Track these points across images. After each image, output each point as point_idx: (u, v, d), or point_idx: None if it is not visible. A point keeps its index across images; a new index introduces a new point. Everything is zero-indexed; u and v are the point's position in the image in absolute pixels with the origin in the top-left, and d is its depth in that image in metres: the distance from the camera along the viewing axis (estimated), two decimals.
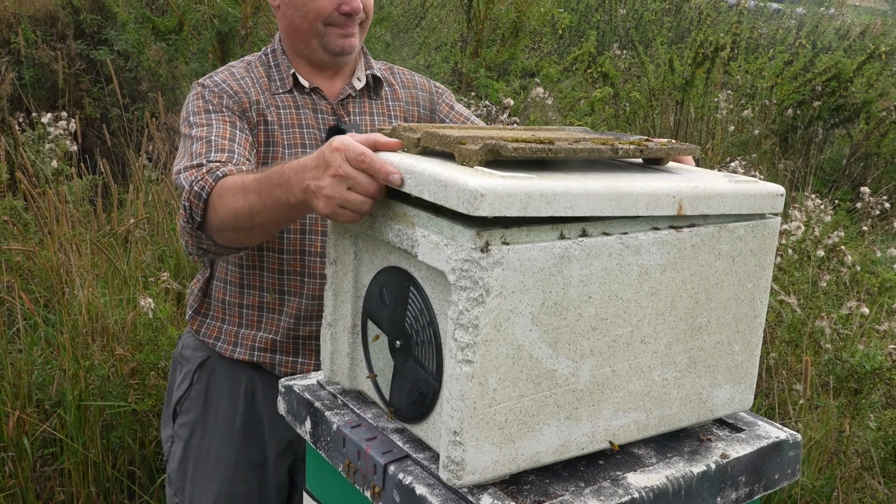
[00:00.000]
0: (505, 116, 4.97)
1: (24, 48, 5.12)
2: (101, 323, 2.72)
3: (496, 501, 0.99)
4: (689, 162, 1.34)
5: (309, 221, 1.59)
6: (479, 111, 4.99)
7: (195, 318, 1.72)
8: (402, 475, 1.05)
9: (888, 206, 4.85)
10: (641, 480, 1.06)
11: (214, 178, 1.38)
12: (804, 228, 3.28)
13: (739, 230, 1.14)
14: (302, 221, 1.58)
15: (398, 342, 1.11)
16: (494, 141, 1.01)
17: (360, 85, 1.71)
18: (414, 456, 1.09)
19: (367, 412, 1.21)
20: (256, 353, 1.65)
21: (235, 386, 1.68)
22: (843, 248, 3.37)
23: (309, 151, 1.56)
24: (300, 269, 1.60)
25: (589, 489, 1.03)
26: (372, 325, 1.18)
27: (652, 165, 1.25)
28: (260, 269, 1.62)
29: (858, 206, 4.97)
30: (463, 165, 1.02)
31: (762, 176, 4.23)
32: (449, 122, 1.78)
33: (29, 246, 3.14)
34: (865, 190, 4.69)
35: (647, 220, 1.07)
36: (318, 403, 1.23)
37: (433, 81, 1.83)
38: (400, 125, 1.17)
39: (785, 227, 3.25)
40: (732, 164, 4.95)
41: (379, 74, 1.74)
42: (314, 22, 1.61)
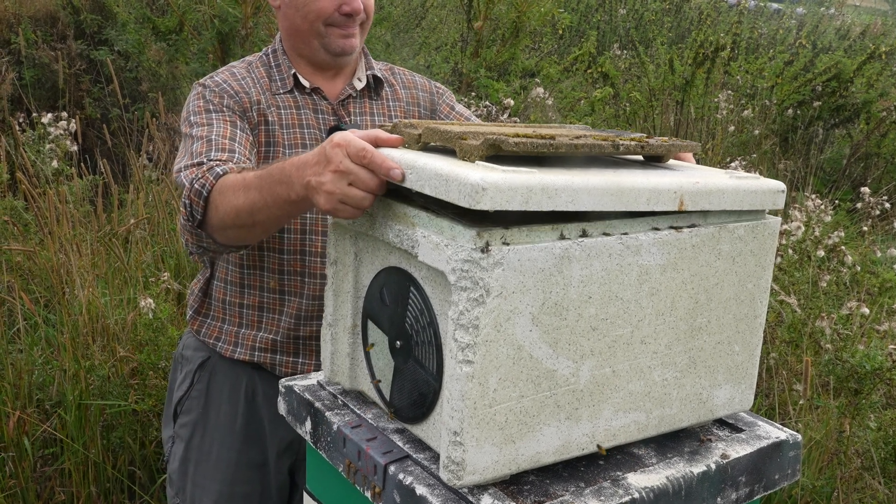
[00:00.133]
0: (505, 117, 4.97)
1: (24, 48, 5.12)
2: (101, 323, 2.72)
3: (496, 502, 0.99)
4: (689, 159, 1.34)
5: (309, 221, 1.59)
6: (479, 111, 4.99)
7: (195, 318, 1.72)
8: (402, 475, 1.05)
9: (888, 206, 4.85)
10: (642, 481, 1.06)
11: (215, 175, 1.38)
12: (804, 228, 3.28)
13: (739, 230, 1.14)
14: (302, 221, 1.58)
15: (398, 342, 1.11)
16: (495, 136, 1.01)
17: (360, 85, 1.71)
18: (414, 456, 1.09)
19: (367, 412, 1.21)
20: (257, 353, 1.65)
21: (236, 386, 1.68)
22: (843, 248, 3.37)
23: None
24: (300, 269, 1.60)
25: (589, 489, 1.04)
26: (370, 330, 1.18)
27: (653, 163, 1.25)
28: (260, 269, 1.62)
29: (858, 206, 4.97)
30: (464, 161, 1.01)
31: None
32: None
33: (29, 246, 3.14)
34: (865, 190, 4.69)
35: (647, 220, 1.07)
36: (318, 404, 1.23)
37: (434, 82, 1.83)
38: (401, 121, 1.17)
39: (785, 227, 3.25)
40: (732, 164, 4.95)
41: (380, 75, 1.74)
42: (315, 22, 1.61)
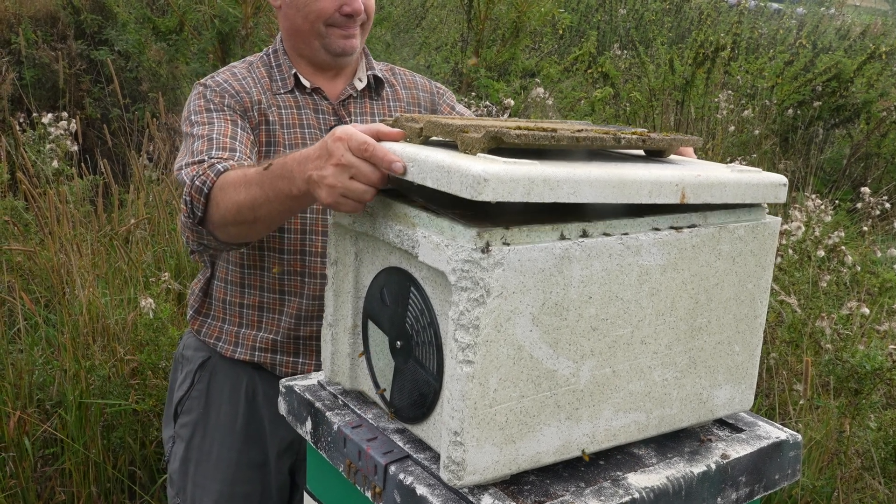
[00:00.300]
0: (505, 117, 4.97)
1: (24, 48, 5.12)
2: (101, 323, 2.72)
3: (497, 502, 0.99)
4: (690, 154, 1.34)
5: (309, 221, 1.59)
6: (479, 111, 4.99)
7: (196, 318, 1.72)
8: (402, 475, 1.05)
9: (888, 206, 4.85)
10: (642, 481, 1.06)
11: (216, 172, 1.38)
12: (804, 229, 3.28)
13: (740, 230, 1.14)
14: (302, 221, 1.58)
15: (399, 343, 1.11)
16: (497, 129, 1.01)
17: (361, 85, 1.71)
18: (414, 456, 1.09)
19: (367, 412, 1.21)
20: (257, 353, 1.65)
21: (236, 386, 1.69)
22: (843, 248, 3.37)
23: None
24: (300, 269, 1.60)
25: (589, 489, 1.04)
26: (370, 331, 1.18)
27: (654, 158, 1.25)
28: (261, 268, 1.62)
29: (859, 206, 4.97)
30: (466, 153, 1.01)
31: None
32: None
33: (30, 246, 3.14)
34: (866, 190, 4.69)
35: (647, 220, 1.07)
36: (318, 404, 1.23)
37: (434, 82, 1.83)
38: (402, 116, 1.17)
39: (785, 227, 3.25)
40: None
41: (380, 75, 1.74)
42: (315, 23, 1.61)
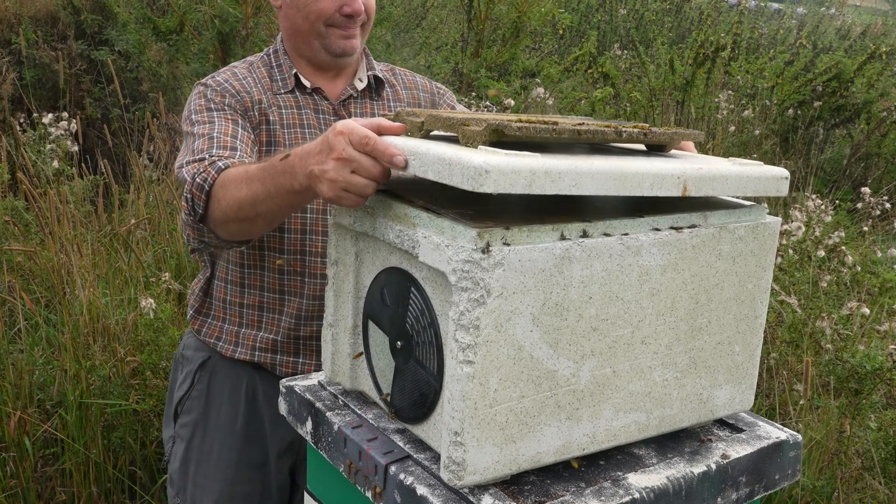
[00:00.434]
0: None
1: (25, 48, 5.12)
2: (102, 323, 2.72)
3: (497, 502, 0.99)
4: (690, 149, 1.35)
5: (309, 221, 1.59)
6: (479, 112, 4.98)
7: (196, 317, 1.72)
8: (403, 475, 1.05)
9: (889, 206, 4.85)
10: (642, 481, 1.06)
11: (216, 169, 1.38)
12: (805, 229, 3.28)
13: (740, 231, 1.14)
14: (302, 221, 1.59)
15: (399, 343, 1.11)
16: (498, 122, 1.01)
17: (361, 86, 1.71)
18: (415, 456, 1.09)
19: (368, 413, 1.21)
20: (257, 353, 1.65)
21: (236, 386, 1.69)
22: (843, 248, 3.37)
23: None
24: (300, 269, 1.60)
25: (590, 489, 1.04)
26: (370, 331, 1.18)
27: (655, 152, 1.25)
28: (261, 268, 1.62)
29: (859, 206, 4.97)
30: (467, 147, 1.01)
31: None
32: None
33: (30, 246, 3.14)
34: (866, 190, 4.69)
35: (647, 220, 1.07)
36: (319, 404, 1.23)
37: (434, 82, 1.83)
38: (403, 110, 1.17)
39: (785, 227, 3.25)
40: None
41: (381, 75, 1.74)
42: (315, 23, 1.61)
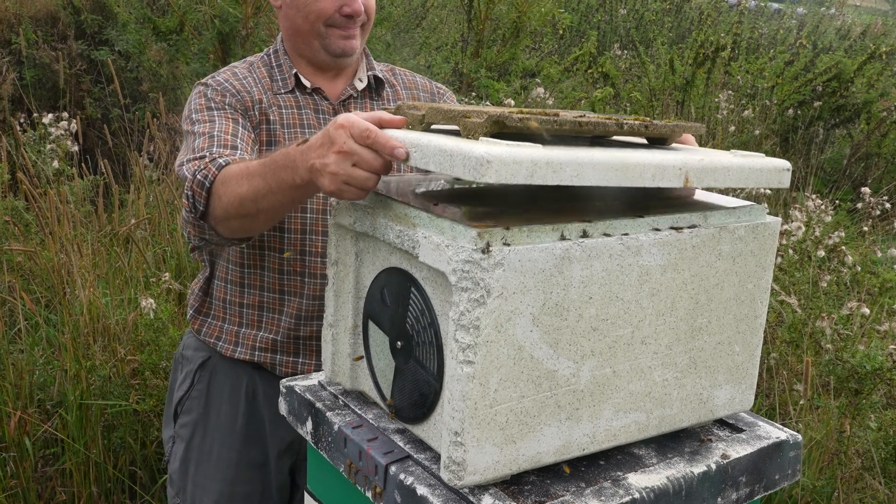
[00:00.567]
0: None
1: (25, 48, 5.12)
2: (102, 323, 2.72)
3: (497, 502, 0.99)
4: (691, 142, 1.35)
5: (310, 221, 1.59)
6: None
7: (196, 317, 1.72)
8: (403, 476, 1.05)
9: (889, 206, 4.85)
10: (642, 481, 1.06)
11: (217, 166, 1.38)
12: (805, 229, 3.28)
13: (740, 231, 1.14)
14: (302, 221, 1.59)
15: (399, 343, 1.11)
16: (499, 113, 1.01)
17: (361, 86, 1.71)
18: (415, 456, 1.09)
19: (368, 413, 1.21)
20: (257, 352, 1.65)
21: (236, 386, 1.69)
22: (843, 248, 3.37)
23: None
24: (300, 269, 1.60)
25: (590, 489, 1.04)
26: (370, 331, 1.18)
27: (656, 146, 1.25)
28: (261, 268, 1.62)
29: (859, 206, 4.97)
30: (468, 138, 1.01)
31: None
32: None
33: (30, 246, 3.13)
34: (866, 190, 4.68)
35: (647, 220, 1.07)
36: (319, 404, 1.23)
37: (434, 82, 1.83)
38: (404, 103, 1.16)
39: (785, 227, 3.25)
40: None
41: (381, 75, 1.74)
42: (315, 23, 1.61)
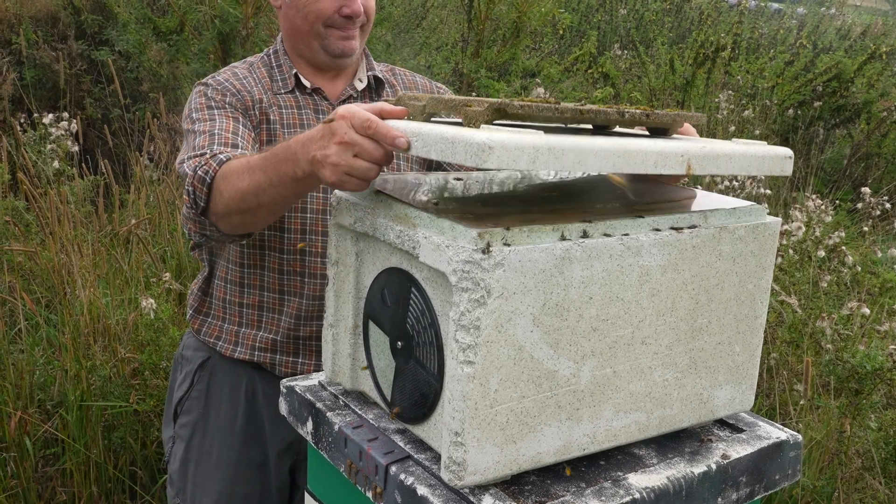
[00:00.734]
0: None
1: (25, 49, 5.12)
2: (102, 323, 2.72)
3: (497, 502, 0.99)
4: (692, 134, 1.35)
5: (310, 221, 1.59)
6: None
7: (196, 317, 1.72)
8: (403, 476, 1.05)
9: (889, 206, 4.85)
10: (642, 481, 1.06)
11: (218, 162, 1.38)
12: (805, 229, 3.28)
13: (740, 231, 1.14)
14: (302, 221, 1.59)
15: (400, 343, 1.11)
16: (500, 101, 1.01)
17: (361, 86, 1.71)
18: (415, 457, 1.09)
19: (368, 413, 1.21)
20: (257, 352, 1.65)
21: (236, 386, 1.69)
22: (843, 248, 3.36)
23: None
24: (300, 269, 1.60)
25: (590, 489, 1.04)
26: (371, 332, 1.18)
27: (657, 136, 1.24)
28: (261, 268, 1.62)
29: (859, 206, 4.97)
30: (470, 127, 1.01)
31: (763, 176, 4.24)
32: None
33: (30, 246, 3.14)
34: (866, 190, 4.68)
35: (647, 220, 1.07)
36: (319, 404, 1.23)
37: (435, 82, 1.83)
38: (405, 94, 1.16)
39: (786, 227, 3.25)
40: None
41: (380, 76, 1.74)
42: (315, 23, 1.61)
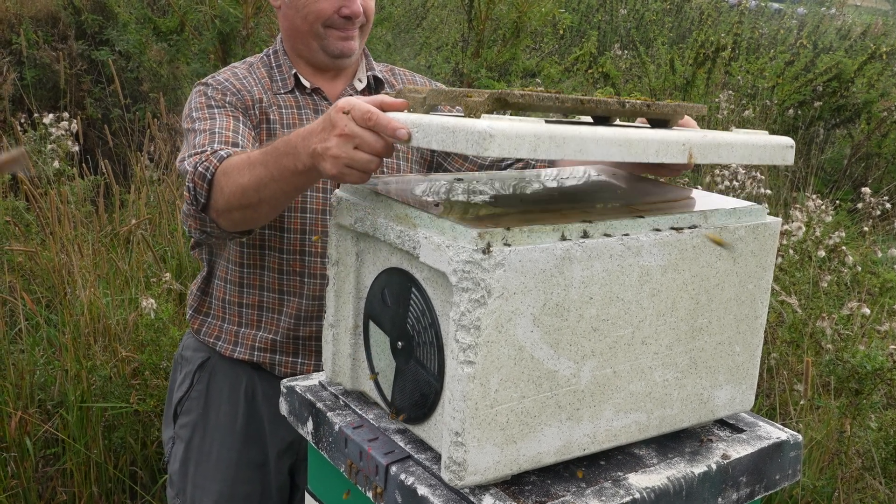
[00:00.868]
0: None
1: (25, 49, 5.12)
2: (102, 323, 2.72)
3: (498, 502, 0.99)
4: (692, 126, 1.35)
5: (309, 221, 1.59)
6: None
7: (196, 317, 1.72)
8: (403, 476, 1.05)
9: (889, 206, 4.84)
10: (643, 481, 1.06)
11: (219, 158, 1.38)
12: (805, 229, 3.28)
13: (740, 231, 1.14)
14: (302, 221, 1.59)
15: (400, 343, 1.11)
16: (501, 91, 1.01)
17: (361, 86, 1.71)
18: (416, 457, 1.09)
19: (368, 413, 1.21)
20: (256, 352, 1.65)
21: (236, 386, 1.69)
22: (844, 248, 3.36)
23: None
24: (300, 269, 1.60)
25: (590, 489, 1.04)
26: (371, 331, 1.18)
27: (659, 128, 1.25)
28: (260, 268, 1.62)
29: (859, 206, 4.97)
30: (470, 117, 1.00)
31: (763, 176, 4.24)
32: None
33: (31, 246, 3.14)
34: (866, 190, 4.68)
35: (648, 221, 1.07)
36: (319, 404, 1.23)
37: (435, 82, 1.83)
38: (406, 87, 1.16)
39: (786, 227, 3.25)
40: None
41: (380, 76, 1.74)
42: (314, 24, 1.61)
